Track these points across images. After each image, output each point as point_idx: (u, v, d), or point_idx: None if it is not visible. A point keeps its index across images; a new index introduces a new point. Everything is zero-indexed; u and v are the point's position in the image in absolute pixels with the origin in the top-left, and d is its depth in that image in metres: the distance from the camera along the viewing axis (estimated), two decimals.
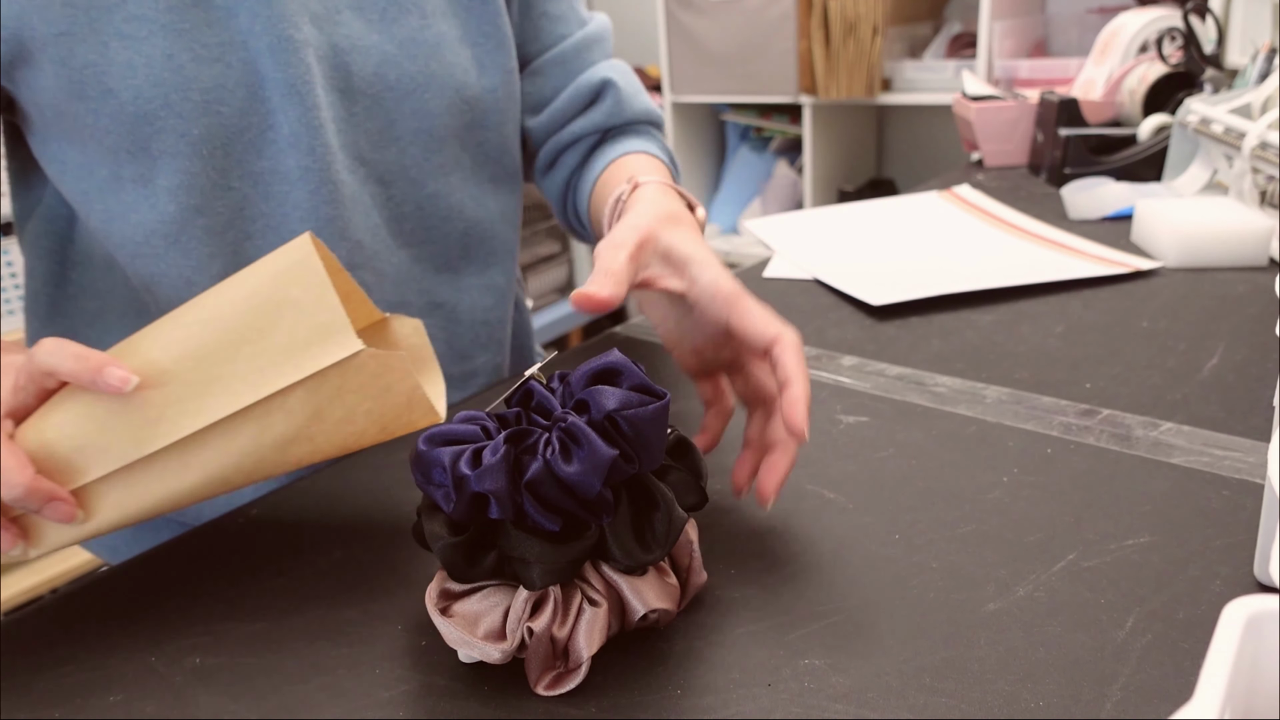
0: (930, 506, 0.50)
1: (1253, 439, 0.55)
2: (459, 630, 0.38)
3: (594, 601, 0.39)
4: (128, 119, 0.57)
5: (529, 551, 0.37)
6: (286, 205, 0.62)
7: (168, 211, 0.60)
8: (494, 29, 0.69)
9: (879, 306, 0.79)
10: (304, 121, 0.60)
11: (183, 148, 0.58)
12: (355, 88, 0.63)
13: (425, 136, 0.66)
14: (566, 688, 0.38)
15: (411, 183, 0.67)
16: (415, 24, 0.65)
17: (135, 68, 0.56)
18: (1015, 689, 0.38)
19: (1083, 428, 0.58)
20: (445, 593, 0.40)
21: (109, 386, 0.43)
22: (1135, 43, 1.23)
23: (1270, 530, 0.41)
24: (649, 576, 0.40)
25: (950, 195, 1.12)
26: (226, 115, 0.59)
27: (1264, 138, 0.86)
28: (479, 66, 0.68)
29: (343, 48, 0.62)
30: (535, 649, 0.38)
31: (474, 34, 0.68)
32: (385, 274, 0.67)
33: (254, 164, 0.61)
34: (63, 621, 0.46)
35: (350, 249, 0.64)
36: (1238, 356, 0.66)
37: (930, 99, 2.01)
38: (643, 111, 0.75)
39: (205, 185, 0.60)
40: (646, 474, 0.40)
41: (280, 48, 0.58)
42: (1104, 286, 0.81)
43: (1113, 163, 1.13)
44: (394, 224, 0.67)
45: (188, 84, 0.57)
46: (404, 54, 0.64)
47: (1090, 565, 0.44)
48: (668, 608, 0.40)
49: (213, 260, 0.62)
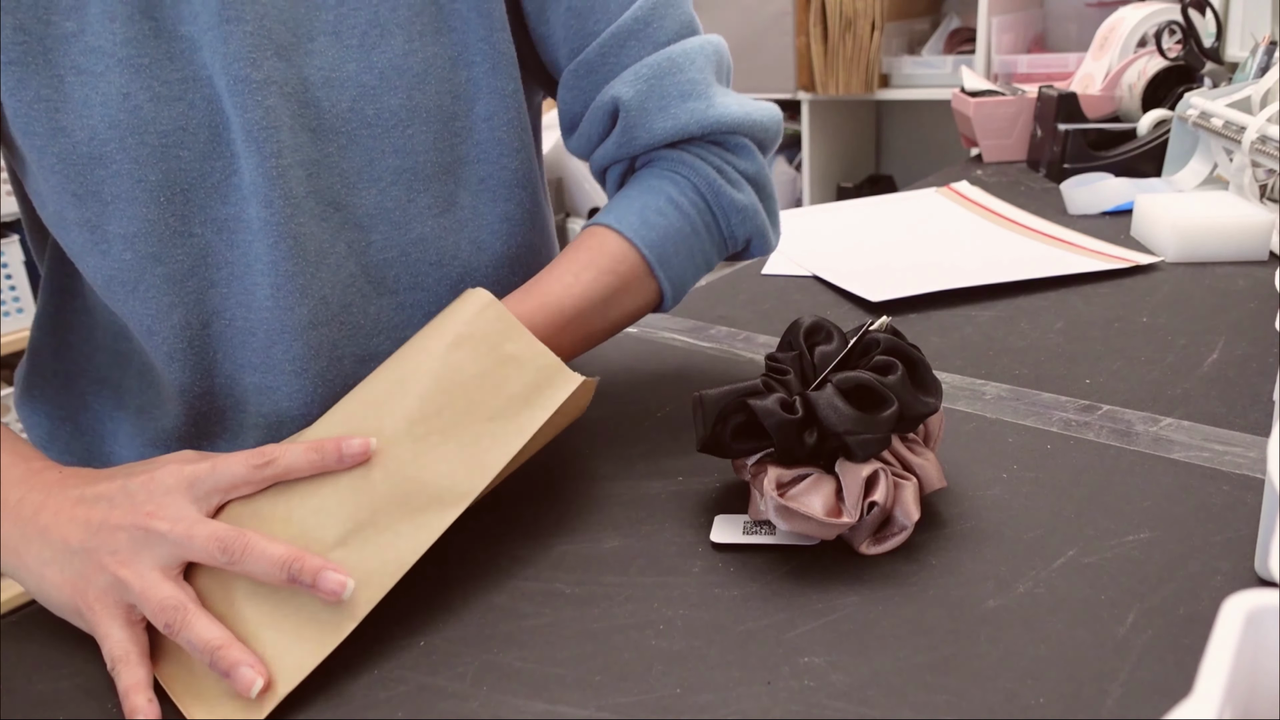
0: (929, 503, 0.50)
1: (1253, 434, 0.55)
2: (803, 509, 0.44)
3: (904, 477, 0.47)
4: (79, 160, 0.52)
5: (855, 425, 0.45)
6: (249, 255, 0.56)
7: (123, 259, 0.55)
8: (490, 47, 0.59)
9: (878, 303, 0.79)
10: (262, 170, 0.54)
11: (138, 193, 0.53)
12: (328, 125, 0.56)
13: (409, 176, 0.58)
14: (891, 545, 0.46)
15: (395, 226, 0.59)
16: (399, 48, 0.56)
17: (90, 105, 0.51)
18: (1015, 686, 0.38)
19: (1082, 423, 0.57)
20: (779, 481, 0.46)
21: (354, 458, 0.44)
22: (1134, 37, 1.23)
23: (1270, 525, 0.41)
24: (931, 458, 0.48)
25: (949, 191, 1.12)
26: (187, 159, 0.53)
27: (1264, 131, 0.85)
28: (473, 92, 0.59)
29: (314, 82, 0.55)
30: (873, 519, 0.46)
31: (469, 54, 0.59)
32: (360, 326, 0.59)
33: (218, 210, 0.55)
34: (62, 624, 0.46)
35: (313, 307, 0.57)
36: (1238, 351, 0.66)
37: (929, 95, 2.01)
38: (664, 133, 0.60)
39: (164, 232, 0.54)
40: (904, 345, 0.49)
41: (236, 89, 0.52)
42: (1103, 282, 0.81)
43: (1112, 157, 1.13)
44: (374, 272, 0.59)
45: (144, 126, 0.52)
46: (384, 85, 0.56)
47: (1090, 561, 0.44)
48: (945, 484, 0.49)
49: (173, 310, 0.56)
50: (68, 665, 0.44)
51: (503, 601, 0.46)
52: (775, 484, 0.46)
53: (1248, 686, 0.27)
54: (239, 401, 0.60)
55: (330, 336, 0.58)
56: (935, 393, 0.48)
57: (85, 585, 0.43)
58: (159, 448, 0.61)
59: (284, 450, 0.45)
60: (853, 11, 2.00)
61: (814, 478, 0.46)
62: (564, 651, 0.42)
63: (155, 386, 0.61)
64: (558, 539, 0.50)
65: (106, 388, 0.62)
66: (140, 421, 0.61)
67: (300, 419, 0.58)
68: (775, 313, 0.81)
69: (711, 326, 0.79)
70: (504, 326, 0.49)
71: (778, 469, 0.46)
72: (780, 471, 0.46)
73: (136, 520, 0.43)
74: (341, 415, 0.48)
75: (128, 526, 0.43)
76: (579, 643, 0.42)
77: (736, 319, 0.80)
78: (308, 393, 0.58)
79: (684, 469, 0.56)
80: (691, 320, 0.81)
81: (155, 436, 0.61)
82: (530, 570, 0.48)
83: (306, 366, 0.58)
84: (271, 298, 0.56)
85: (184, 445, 0.61)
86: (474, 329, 0.49)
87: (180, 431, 0.61)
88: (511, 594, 0.46)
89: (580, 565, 0.48)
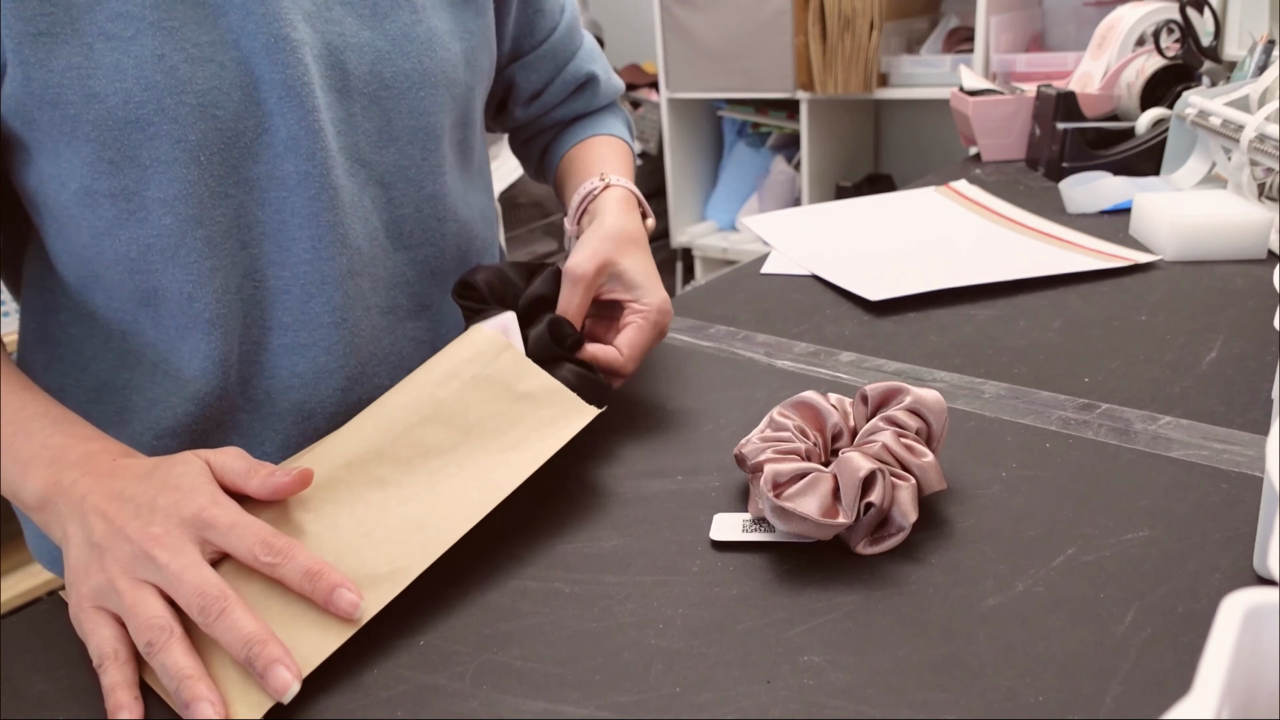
0: (928, 502, 0.50)
1: (1251, 432, 0.55)
2: (799, 510, 0.45)
3: (902, 478, 0.47)
4: (115, 125, 0.53)
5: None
6: (285, 211, 0.59)
7: (163, 225, 0.56)
8: (479, 26, 0.68)
9: (877, 302, 0.79)
10: (304, 124, 0.58)
11: (178, 154, 0.55)
12: (352, 87, 0.61)
13: (423, 135, 0.65)
14: (888, 546, 0.46)
15: (411, 183, 0.66)
16: (407, 19, 0.63)
17: (124, 69, 0.53)
18: (1015, 684, 0.38)
19: (1081, 422, 0.58)
20: (775, 481, 0.46)
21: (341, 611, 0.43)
22: (1133, 36, 1.23)
23: (1269, 523, 0.41)
24: (932, 460, 0.48)
25: (948, 190, 1.12)
26: (223, 119, 0.56)
27: (1262, 130, 0.86)
28: (466, 62, 0.68)
29: (337, 46, 0.60)
30: (870, 520, 0.46)
31: (461, 29, 0.67)
32: (379, 279, 0.65)
33: (250, 169, 0.58)
34: (60, 624, 0.46)
35: (350, 257, 0.62)
36: (1236, 349, 0.66)
37: (927, 94, 2.01)
38: (614, 93, 0.85)
39: (203, 194, 0.57)
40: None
41: (277, 48, 0.56)
42: (1102, 280, 0.81)
43: (1110, 156, 1.13)
44: (393, 227, 0.66)
45: (181, 86, 0.54)
46: (398, 50, 0.62)
47: (1089, 560, 0.44)
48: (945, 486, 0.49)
49: (214, 274, 0.58)
50: (68, 665, 0.44)
51: (502, 601, 0.46)
52: (772, 483, 0.46)
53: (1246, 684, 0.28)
54: (265, 368, 0.62)
55: (362, 287, 0.64)
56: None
57: (84, 579, 0.44)
58: (170, 440, 0.62)
59: (293, 554, 0.44)
60: (851, 11, 2.00)
61: (811, 477, 0.46)
62: (563, 650, 0.42)
63: (171, 375, 0.61)
64: (558, 538, 0.50)
65: (108, 392, 0.62)
66: (151, 415, 0.61)
67: (334, 372, 0.63)
68: (774, 312, 0.81)
69: (711, 325, 0.79)
70: (519, 368, 0.54)
71: (775, 467, 0.47)
72: (778, 470, 0.46)
73: (143, 541, 0.44)
74: (359, 436, 0.51)
75: (134, 542, 0.44)
76: (579, 642, 0.42)
77: (736, 318, 0.80)
78: (344, 343, 0.63)
79: (684, 468, 0.56)
80: (691, 319, 0.81)
81: (170, 428, 0.61)
82: (530, 570, 0.48)
83: (344, 316, 0.62)
84: (311, 249, 0.60)
85: (195, 438, 0.62)
86: (491, 370, 0.54)
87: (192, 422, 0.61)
88: (511, 593, 0.46)
89: (580, 565, 0.48)
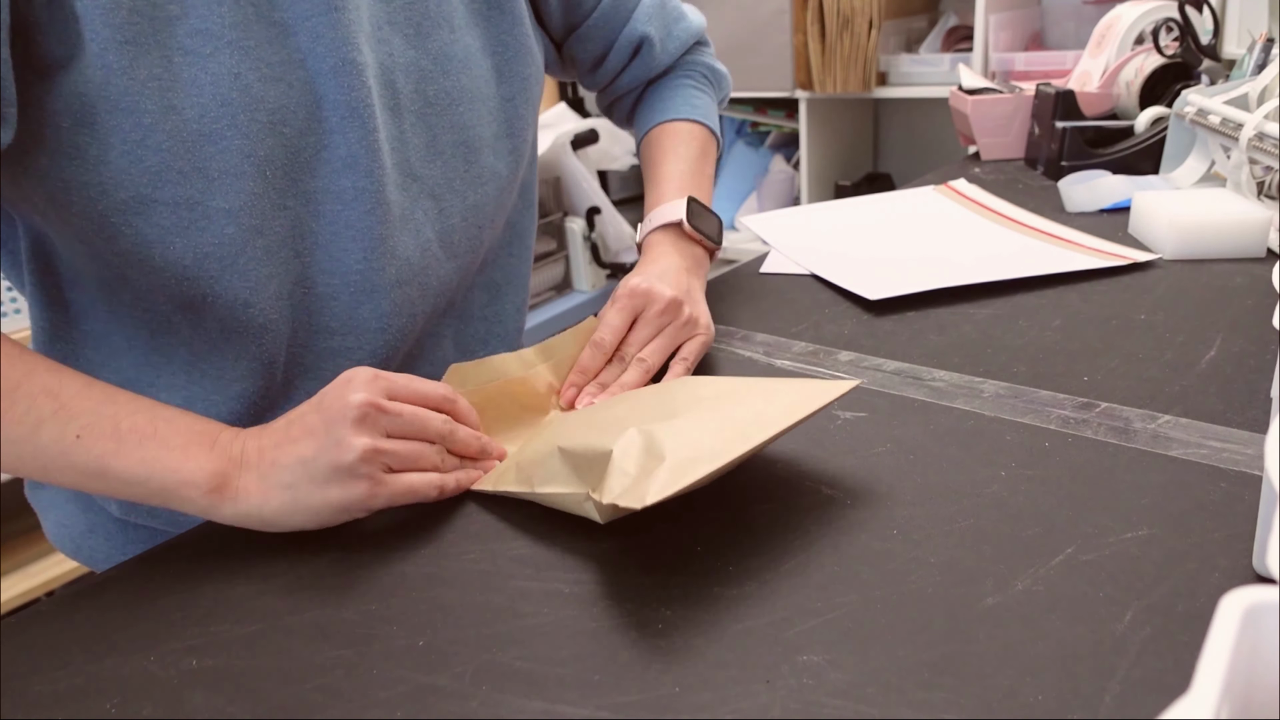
0: (928, 501, 0.50)
1: (1251, 431, 0.55)
2: None
3: None
4: (189, 137, 0.55)
5: None
6: (338, 224, 0.62)
7: (225, 234, 0.58)
8: (512, 38, 0.71)
9: (876, 301, 0.79)
10: (364, 144, 0.61)
11: (246, 168, 0.57)
12: (402, 105, 0.64)
13: (464, 149, 0.68)
14: None
15: (457, 195, 0.69)
16: (446, 38, 0.66)
17: (201, 85, 0.54)
18: (1014, 683, 0.38)
19: (1081, 421, 0.58)
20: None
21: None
22: (1132, 34, 1.23)
23: (1268, 522, 0.41)
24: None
25: (947, 189, 1.12)
26: (288, 135, 0.58)
27: (1261, 128, 0.85)
28: (498, 76, 0.70)
29: (388, 66, 0.63)
30: None
31: (494, 44, 0.70)
32: (429, 287, 0.68)
33: (308, 183, 0.61)
34: (60, 624, 0.46)
35: (399, 268, 0.65)
36: (1235, 348, 0.66)
37: (926, 93, 2.00)
38: (678, 49, 0.85)
39: (265, 206, 0.59)
40: None
41: (344, 70, 0.59)
42: (1101, 279, 0.81)
43: (1109, 155, 1.13)
44: (445, 237, 0.69)
45: (254, 104, 0.56)
46: (438, 69, 0.66)
47: (1089, 559, 0.44)
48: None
49: (270, 280, 0.61)
50: (68, 665, 0.44)
51: (502, 601, 0.46)
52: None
53: (1246, 683, 0.28)
54: (309, 369, 0.66)
55: (409, 295, 0.67)
56: None
57: (340, 485, 0.50)
58: None
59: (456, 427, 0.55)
60: (850, 9, 1.99)
61: None
62: (563, 651, 0.42)
63: (211, 376, 0.63)
64: (557, 539, 0.50)
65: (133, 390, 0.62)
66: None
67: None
68: (773, 311, 0.81)
69: None
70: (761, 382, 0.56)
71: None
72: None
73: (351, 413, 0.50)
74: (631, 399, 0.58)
75: (347, 421, 0.50)
76: (578, 642, 0.42)
77: (735, 317, 0.80)
78: (388, 346, 0.67)
79: None
80: None
81: None
82: (529, 570, 0.48)
83: (390, 323, 0.66)
84: (363, 260, 0.63)
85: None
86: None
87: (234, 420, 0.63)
88: (510, 594, 0.46)
89: (580, 565, 0.48)
